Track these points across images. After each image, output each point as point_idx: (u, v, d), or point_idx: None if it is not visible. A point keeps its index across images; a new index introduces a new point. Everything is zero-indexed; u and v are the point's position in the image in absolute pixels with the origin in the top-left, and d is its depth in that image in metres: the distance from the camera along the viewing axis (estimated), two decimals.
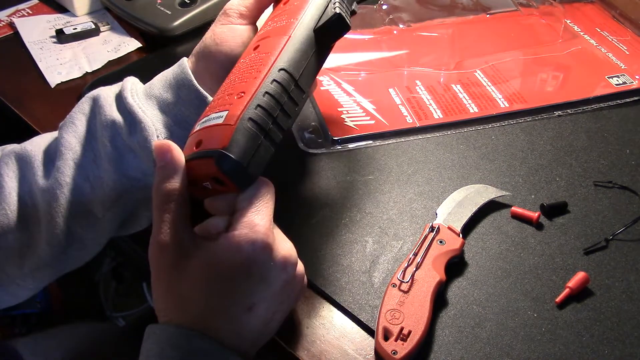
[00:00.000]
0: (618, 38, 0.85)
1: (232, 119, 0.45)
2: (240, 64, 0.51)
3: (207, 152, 0.44)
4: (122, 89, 0.54)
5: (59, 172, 0.53)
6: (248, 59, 0.50)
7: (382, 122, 0.72)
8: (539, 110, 0.74)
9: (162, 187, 0.45)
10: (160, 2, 0.86)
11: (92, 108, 0.55)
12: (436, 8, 0.88)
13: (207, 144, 0.45)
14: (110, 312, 1.21)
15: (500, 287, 0.55)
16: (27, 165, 0.54)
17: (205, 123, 0.47)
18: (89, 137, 0.54)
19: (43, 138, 0.57)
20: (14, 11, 0.92)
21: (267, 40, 0.51)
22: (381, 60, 0.81)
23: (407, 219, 0.61)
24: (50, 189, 0.53)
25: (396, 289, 0.52)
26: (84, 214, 0.54)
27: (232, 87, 0.48)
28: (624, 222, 0.60)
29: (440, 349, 0.50)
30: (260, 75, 0.47)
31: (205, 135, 0.46)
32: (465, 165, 0.67)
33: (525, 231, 0.60)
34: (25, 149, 0.55)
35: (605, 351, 0.50)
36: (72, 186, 0.53)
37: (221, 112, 0.46)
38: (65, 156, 0.53)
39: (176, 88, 0.54)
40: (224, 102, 0.47)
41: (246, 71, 0.49)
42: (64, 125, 0.55)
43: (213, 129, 0.46)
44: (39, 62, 0.82)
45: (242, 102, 0.46)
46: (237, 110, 0.45)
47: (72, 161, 0.53)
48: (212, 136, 0.45)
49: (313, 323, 0.53)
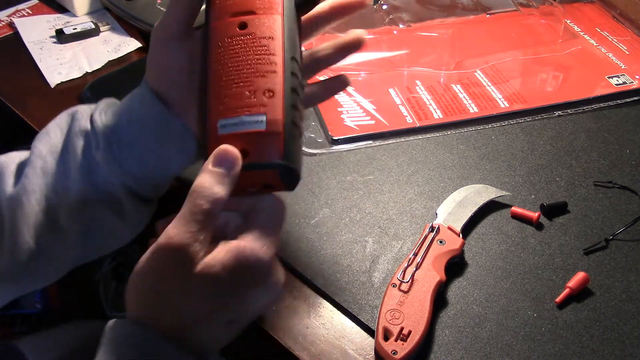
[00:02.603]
0: (618, 38, 0.85)
1: (276, 124, 0.44)
2: (229, 46, 0.47)
3: (267, 164, 0.44)
4: (96, 108, 0.55)
5: (27, 178, 0.52)
6: (241, 42, 0.47)
7: (382, 122, 0.72)
8: (539, 110, 0.74)
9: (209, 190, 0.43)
10: (160, 2, 0.86)
11: (68, 122, 0.55)
12: (436, 8, 0.88)
13: (259, 154, 0.44)
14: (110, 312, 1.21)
15: (500, 287, 0.55)
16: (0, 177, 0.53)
17: (237, 127, 0.44)
18: (62, 148, 0.53)
19: (20, 153, 0.56)
20: (14, 11, 0.92)
21: (256, 20, 0.48)
22: (381, 60, 0.81)
23: (407, 219, 0.61)
24: (17, 196, 0.52)
25: (396, 289, 0.52)
26: (49, 224, 0.53)
27: (241, 79, 0.46)
28: (624, 222, 0.60)
29: (440, 349, 0.50)
30: (277, 69, 0.46)
31: (248, 143, 0.44)
32: (465, 165, 0.67)
33: (525, 231, 0.60)
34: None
35: (605, 351, 0.50)
36: (39, 194, 0.52)
37: (256, 115, 0.44)
38: (34, 164, 0.53)
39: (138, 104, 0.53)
40: (250, 102, 0.45)
41: (251, 60, 0.46)
42: (38, 136, 0.55)
43: (258, 137, 0.44)
44: (39, 62, 0.82)
45: (277, 104, 0.45)
46: (278, 114, 0.44)
47: (41, 170, 0.53)
48: (262, 145, 0.44)
49: (313, 323, 0.53)
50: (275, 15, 0.48)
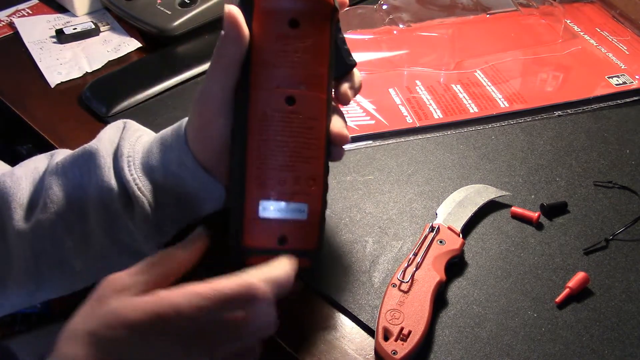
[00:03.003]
0: (618, 38, 0.85)
1: (316, 215, 0.46)
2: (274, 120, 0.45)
3: (304, 252, 0.46)
4: (119, 153, 0.51)
5: (40, 224, 0.51)
6: (287, 119, 0.45)
7: (382, 122, 0.72)
8: (539, 110, 0.74)
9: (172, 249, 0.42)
10: (160, 2, 0.86)
11: (88, 164, 0.52)
12: (436, 8, 0.88)
13: (295, 243, 0.45)
14: None
15: (500, 287, 0.55)
16: (4, 204, 0.52)
17: (280, 213, 0.44)
18: (80, 193, 0.51)
19: (26, 172, 0.53)
20: (14, 11, 0.92)
21: (304, 96, 0.45)
22: (381, 60, 0.81)
23: (407, 219, 0.61)
24: (28, 237, 0.51)
25: (396, 289, 0.52)
26: (61, 265, 0.52)
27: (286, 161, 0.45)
28: (624, 222, 0.60)
29: (440, 349, 0.50)
30: (320, 155, 0.46)
31: (289, 230, 0.45)
32: (465, 165, 0.67)
33: (525, 231, 0.60)
34: (4, 183, 0.52)
35: (605, 351, 0.50)
36: (53, 240, 0.51)
37: (299, 203, 0.45)
38: (49, 210, 0.51)
39: (177, 166, 0.51)
40: (294, 189, 0.44)
41: (297, 141, 0.45)
42: (53, 172, 0.52)
43: (298, 226, 0.45)
44: (39, 62, 0.82)
45: (318, 194, 0.46)
46: (318, 205, 0.46)
47: (56, 215, 0.51)
48: (300, 235, 0.45)
49: (313, 323, 0.53)
50: (321, 92, 0.46)
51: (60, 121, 0.74)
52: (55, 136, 0.72)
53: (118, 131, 0.54)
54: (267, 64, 0.45)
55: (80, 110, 0.75)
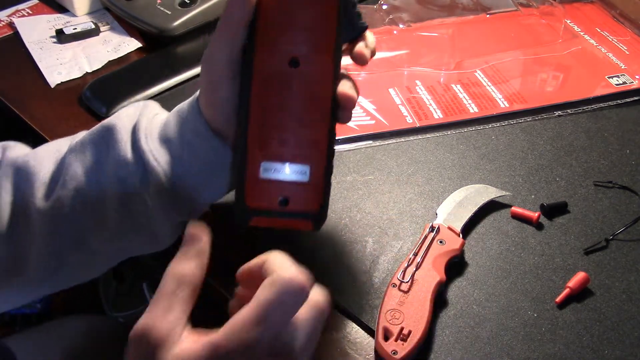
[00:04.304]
0: (618, 38, 0.85)
1: (319, 177, 0.45)
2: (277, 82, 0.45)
3: (305, 214, 0.46)
4: (137, 127, 0.51)
5: (60, 202, 0.51)
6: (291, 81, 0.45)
7: (382, 122, 0.72)
8: (539, 110, 0.74)
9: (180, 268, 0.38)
10: (160, 2, 0.86)
11: (106, 139, 0.52)
12: (436, 8, 0.88)
13: (297, 204, 0.45)
14: (110, 312, 1.21)
15: (500, 287, 0.55)
16: (26, 182, 0.52)
17: (281, 174, 0.45)
18: (98, 168, 0.51)
19: (48, 152, 0.54)
20: (14, 11, 0.92)
21: (309, 58, 0.45)
22: (381, 60, 0.81)
23: (407, 219, 0.61)
24: (48, 215, 0.51)
25: (396, 289, 0.52)
26: (79, 243, 0.52)
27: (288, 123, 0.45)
28: (624, 222, 0.60)
29: (440, 349, 0.50)
30: (325, 118, 0.46)
31: (290, 191, 0.45)
32: (465, 165, 0.67)
33: (525, 231, 0.60)
34: (27, 163, 0.53)
35: (605, 351, 0.50)
36: (72, 217, 0.51)
37: (301, 165, 0.45)
38: (68, 187, 0.51)
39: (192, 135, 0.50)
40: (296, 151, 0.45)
41: (301, 104, 0.45)
42: (73, 150, 0.52)
43: (300, 188, 0.45)
44: (39, 62, 0.82)
45: (322, 157, 0.46)
46: (321, 168, 0.46)
47: (76, 191, 0.51)
48: (302, 197, 0.45)
49: None
50: (327, 55, 0.46)
51: (60, 121, 0.74)
52: (55, 136, 0.71)
53: (137, 109, 0.54)
54: (273, 25, 0.45)
55: (80, 110, 0.75)
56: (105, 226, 0.51)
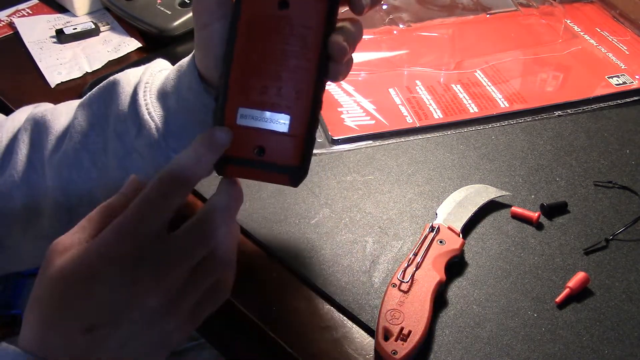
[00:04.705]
0: (618, 38, 0.85)
1: (299, 129, 0.43)
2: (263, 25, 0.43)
3: (282, 167, 0.43)
4: (139, 81, 0.52)
5: (67, 154, 0.53)
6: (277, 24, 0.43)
7: (382, 122, 0.72)
8: (539, 110, 0.74)
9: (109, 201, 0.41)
10: (160, 2, 0.86)
11: (111, 93, 0.52)
12: (436, 8, 0.88)
13: (274, 155, 0.43)
14: None
15: (500, 287, 0.55)
16: (41, 135, 0.54)
17: (258, 122, 0.43)
18: (103, 122, 0.52)
19: (67, 107, 0.56)
20: (14, 11, 0.92)
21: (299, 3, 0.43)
22: (381, 60, 0.81)
23: (407, 219, 0.61)
24: (57, 168, 0.53)
25: (396, 289, 0.52)
26: (88, 197, 0.53)
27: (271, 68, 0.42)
28: (624, 222, 0.60)
29: (440, 349, 0.50)
30: (311, 67, 0.43)
31: (267, 141, 0.43)
32: (465, 165, 0.67)
33: (525, 231, 0.60)
34: (45, 117, 0.55)
35: (605, 351, 0.50)
36: (79, 169, 0.53)
37: (280, 113, 0.43)
38: (74, 140, 0.53)
39: (187, 89, 0.50)
40: (277, 99, 0.42)
41: (285, 49, 0.42)
42: (81, 105, 0.54)
43: (278, 138, 0.43)
44: (39, 62, 0.82)
45: (304, 108, 0.43)
46: (302, 120, 0.43)
47: (81, 145, 0.52)
48: (279, 148, 0.43)
49: (312, 323, 0.53)
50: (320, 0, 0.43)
51: None
52: None
53: (145, 66, 0.54)
54: None
55: None
56: (108, 180, 0.52)
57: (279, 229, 0.60)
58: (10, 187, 0.54)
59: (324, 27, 0.43)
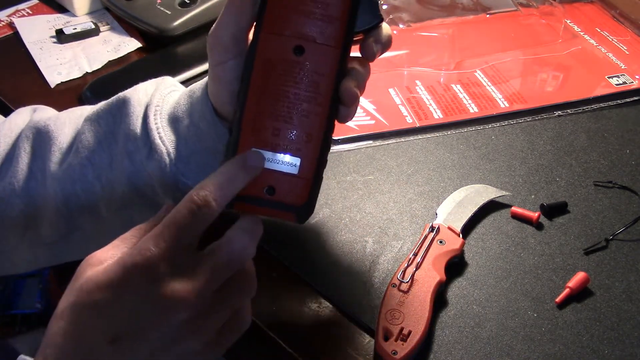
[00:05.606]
0: (618, 38, 0.85)
1: (308, 171, 0.44)
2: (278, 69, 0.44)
3: (291, 207, 0.45)
4: (149, 103, 0.52)
5: (72, 168, 0.53)
6: (293, 69, 0.44)
7: (382, 122, 0.72)
8: (539, 110, 0.74)
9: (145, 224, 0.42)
10: (160, 2, 0.86)
11: (121, 111, 0.53)
12: (436, 8, 0.88)
13: (283, 195, 0.44)
14: None
15: (500, 287, 0.55)
16: (44, 146, 0.54)
17: (270, 163, 0.44)
18: (110, 139, 0.53)
19: (70, 118, 0.55)
20: (14, 11, 0.92)
21: (315, 48, 0.44)
22: (381, 60, 0.80)
23: (407, 219, 0.61)
24: (61, 180, 0.53)
25: (396, 289, 0.52)
26: (90, 209, 0.54)
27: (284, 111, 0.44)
28: (624, 222, 0.60)
29: (440, 349, 0.50)
30: (322, 112, 0.44)
31: (277, 181, 0.44)
32: (465, 165, 0.67)
33: (525, 231, 0.60)
34: (48, 127, 0.54)
35: (605, 351, 0.50)
36: (83, 183, 0.53)
37: (292, 156, 0.44)
38: (81, 154, 0.53)
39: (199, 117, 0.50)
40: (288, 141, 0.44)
41: (299, 94, 0.44)
42: (88, 119, 0.54)
43: (288, 179, 0.44)
44: (39, 62, 0.82)
45: (314, 151, 0.44)
46: (312, 161, 0.44)
47: (87, 160, 0.53)
48: (289, 189, 0.44)
49: (313, 323, 0.53)
50: (334, 48, 0.44)
51: None
52: None
53: (154, 84, 0.54)
54: (282, 8, 0.44)
55: None
56: (114, 195, 0.53)
57: (279, 229, 0.60)
58: (9, 194, 0.54)
59: (336, 73, 0.45)
